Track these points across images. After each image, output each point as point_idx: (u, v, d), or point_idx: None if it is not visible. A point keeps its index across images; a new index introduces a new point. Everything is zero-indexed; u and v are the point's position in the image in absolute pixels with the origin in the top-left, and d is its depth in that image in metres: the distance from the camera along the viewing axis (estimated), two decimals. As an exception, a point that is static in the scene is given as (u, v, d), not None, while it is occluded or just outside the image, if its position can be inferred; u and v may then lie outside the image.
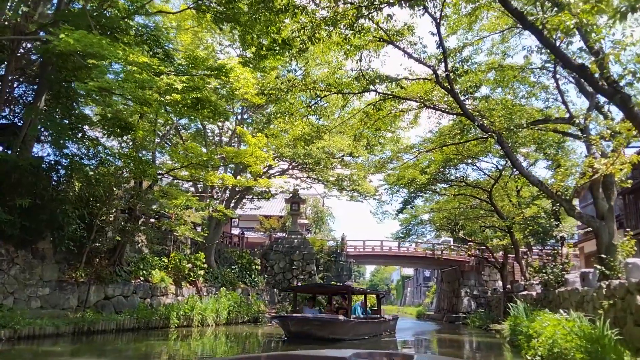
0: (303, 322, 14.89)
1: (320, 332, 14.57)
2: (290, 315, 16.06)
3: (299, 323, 14.92)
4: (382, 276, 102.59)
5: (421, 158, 23.51)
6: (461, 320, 32.04)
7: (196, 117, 15.45)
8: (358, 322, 16.75)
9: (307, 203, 45.37)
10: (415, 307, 56.81)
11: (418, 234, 34.11)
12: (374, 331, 17.78)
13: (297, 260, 30.77)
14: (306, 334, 14.34)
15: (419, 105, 17.08)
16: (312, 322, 14.83)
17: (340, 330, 15.25)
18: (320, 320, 15.06)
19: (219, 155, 18.55)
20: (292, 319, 15.23)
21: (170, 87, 10.52)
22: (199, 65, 11.88)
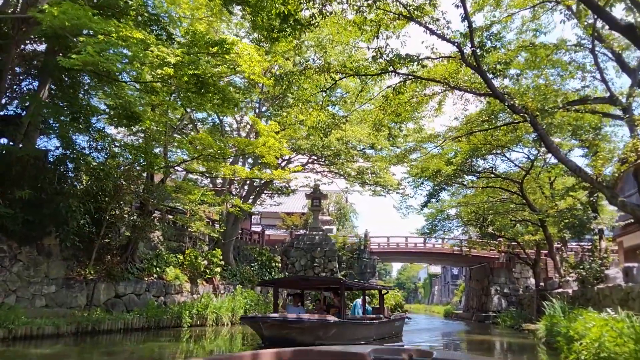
0: (280, 325, 11.66)
1: (303, 336, 11.52)
2: (262, 316, 12.76)
3: (274, 326, 11.67)
4: (409, 274, 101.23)
5: (446, 148, 22.25)
6: (491, 319, 30.76)
7: (204, 105, 14.56)
8: (353, 323, 13.91)
9: (329, 199, 44.42)
10: (443, 306, 55.35)
11: (444, 230, 32.63)
12: (373, 334, 14.72)
13: (318, 257, 29.78)
14: (284, 339, 11.20)
15: (442, 89, 15.88)
16: (291, 325, 11.70)
17: (330, 334, 12.17)
18: (302, 322, 11.84)
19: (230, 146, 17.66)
20: (265, 320, 11.89)
21: (163, 61, 9.65)
22: (198, 41, 10.96)
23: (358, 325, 14.16)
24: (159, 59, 9.64)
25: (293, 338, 11.31)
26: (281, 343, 10.59)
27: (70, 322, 13.14)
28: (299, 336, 11.52)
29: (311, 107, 15.28)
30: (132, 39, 9.32)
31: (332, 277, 24.37)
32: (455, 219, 32.02)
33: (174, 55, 9.78)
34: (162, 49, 9.67)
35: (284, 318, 11.94)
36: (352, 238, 35.89)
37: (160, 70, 9.80)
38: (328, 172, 28.80)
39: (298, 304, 14.85)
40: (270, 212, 43.68)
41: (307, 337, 11.50)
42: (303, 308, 14.88)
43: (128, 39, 9.24)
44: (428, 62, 14.21)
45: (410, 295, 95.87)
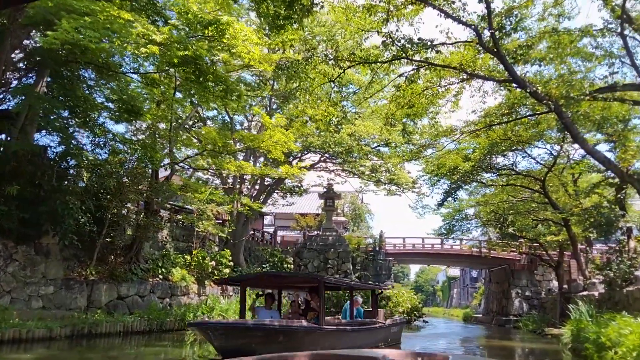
0: (235, 333, 9.41)
1: (267, 347, 9.03)
2: (211, 322, 10.44)
3: (227, 334, 9.33)
4: (427, 277, 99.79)
5: (464, 144, 21.29)
6: (512, 323, 29.61)
7: (207, 97, 13.88)
8: (334, 330, 11.33)
9: (344, 200, 43.54)
10: (462, 310, 54.02)
11: (463, 230, 31.59)
12: (361, 343, 11.91)
13: (332, 258, 28.87)
14: (240, 350, 8.71)
15: (458, 80, 14.97)
16: (251, 333, 9.53)
17: (301, 343, 9.65)
18: (262, 329, 9.66)
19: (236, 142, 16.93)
20: (215, 327, 9.51)
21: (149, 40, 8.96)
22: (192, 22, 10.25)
23: (339, 333, 11.52)
24: (145, 37, 8.96)
25: (252, 349, 8.92)
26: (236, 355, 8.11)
27: (64, 325, 12.51)
28: (261, 346, 9.15)
29: (319, 99, 14.48)
30: (120, 19, 8.66)
31: (308, 273, 21.37)
32: (474, 219, 30.96)
33: (161, 34, 9.08)
34: (146, 26, 8.98)
35: (240, 324, 9.81)
36: (367, 239, 34.98)
37: (144, 49, 9.12)
38: (341, 170, 27.95)
39: (271, 306, 12.13)
40: (285, 213, 43.00)
41: (270, 348, 8.78)
42: (277, 312, 12.22)
43: (115, 20, 8.57)
44: (443, 48, 13.34)
45: (428, 299, 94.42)
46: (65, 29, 8.26)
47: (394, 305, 27.17)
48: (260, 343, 9.32)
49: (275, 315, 11.68)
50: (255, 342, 9.32)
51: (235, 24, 10.35)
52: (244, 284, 12.74)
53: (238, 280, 13.93)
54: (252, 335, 9.51)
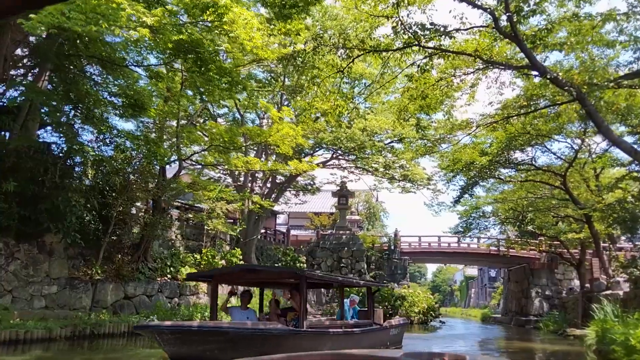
0: (189, 338, 7.89)
1: (231, 354, 7.48)
2: (159, 325, 8.46)
3: (180, 340, 7.84)
4: (445, 277, 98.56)
5: (480, 136, 20.54)
6: (532, 323, 28.80)
7: (213, 90, 13.44)
8: (317, 334, 9.95)
9: (358, 198, 42.93)
10: (480, 310, 52.99)
11: (480, 229, 30.71)
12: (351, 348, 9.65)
13: (345, 257, 28.33)
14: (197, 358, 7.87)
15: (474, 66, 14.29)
16: (209, 337, 7.97)
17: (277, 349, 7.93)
18: (226, 333, 8.13)
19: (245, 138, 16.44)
20: (164, 331, 7.89)
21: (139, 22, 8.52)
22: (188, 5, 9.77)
23: (323, 337, 9.97)
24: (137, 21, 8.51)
25: (212, 357, 7.89)
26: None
27: (65, 325, 12.14)
28: (223, 354, 7.81)
29: (328, 91, 13.92)
30: (111, 2, 8.21)
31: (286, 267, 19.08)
32: (492, 217, 30.12)
33: (152, 16, 8.63)
34: (136, 7, 8.52)
35: (193, 327, 8.21)
36: (381, 238, 34.32)
37: (134, 31, 8.67)
38: (354, 168, 27.35)
39: (247, 305, 10.50)
40: (299, 212, 42.59)
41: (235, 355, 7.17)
42: (254, 312, 10.63)
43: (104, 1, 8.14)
44: (457, 36, 12.68)
45: (446, 299, 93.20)
46: (50, 12, 7.84)
47: (410, 305, 26.54)
48: (222, 350, 7.90)
49: (252, 316, 10.05)
50: (216, 348, 7.93)
51: (235, 7, 9.85)
52: (216, 279, 10.87)
53: (209, 275, 11.78)
54: (211, 340, 7.94)
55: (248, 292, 11.05)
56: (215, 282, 10.88)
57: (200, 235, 22.11)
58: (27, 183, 12.85)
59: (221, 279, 11.47)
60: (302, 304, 9.58)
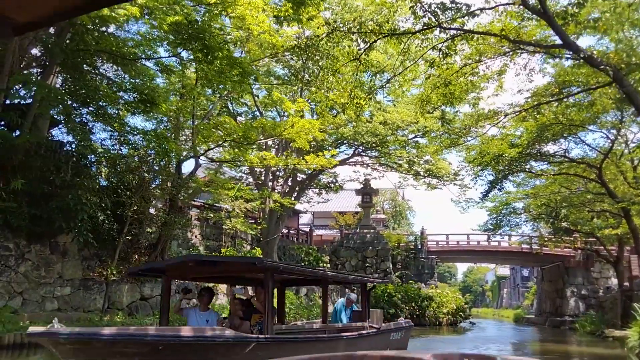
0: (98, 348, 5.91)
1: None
2: (57, 332, 5.85)
3: (82, 350, 5.88)
4: (476, 277, 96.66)
5: (509, 128, 19.53)
6: (567, 324, 27.60)
7: (224, 83, 12.95)
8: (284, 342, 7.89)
9: (383, 196, 42.05)
10: (512, 310, 51.48)
11: (511, 226, 29.48)
12: None
13: (370, 257, 27.56)
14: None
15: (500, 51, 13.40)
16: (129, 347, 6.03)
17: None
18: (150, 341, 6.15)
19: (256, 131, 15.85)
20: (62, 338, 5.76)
21: None
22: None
23: (295, 345, 8.03)
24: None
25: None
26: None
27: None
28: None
29: (345, 82, 13.24)
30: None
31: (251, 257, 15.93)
32: (523, 213, 28.90)
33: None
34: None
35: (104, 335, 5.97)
36: (407, 236, 33.39)
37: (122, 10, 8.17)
38: (378, 164, 26.54)
39: (208, 306, 8.66)
40: (323, 212, 42.01)
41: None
42: (217, 314, 8.85)
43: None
44: (481, 15, 11.89)
45: (477, 299, 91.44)
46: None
47: (438, 306, 25.60)
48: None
49: (212, 319, 8.24)
50: None
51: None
52: (169, 274, 8.62)
53: (159, 269, 9.11)
54: (127, 352, 5.93)
55: (208, 290, 8.84)
56: (168, 277, 8.75)
57: (220, 235, 21.72)
58: (38, 182, 12.54)
59: (175, 273, 9.04)
60: (268, 303, 7.54)
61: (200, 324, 7.84)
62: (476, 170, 21.45)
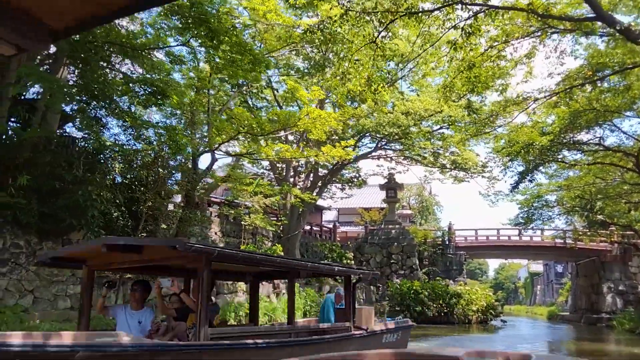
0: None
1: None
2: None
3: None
4: (508, 273, 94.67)
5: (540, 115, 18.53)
6: (604, 322, 26.42)
7: (236, 72, 12.43)
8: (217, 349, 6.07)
9: (409, 191, 41.16)
10: (546, 307, 49.89)
11: (543, 219, 28.36)
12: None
13: (395, 253, 26.81)
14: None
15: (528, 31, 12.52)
16: None
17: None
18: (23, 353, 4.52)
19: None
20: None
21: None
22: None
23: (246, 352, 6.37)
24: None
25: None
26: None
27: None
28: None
29: (361, 66, 12.56)
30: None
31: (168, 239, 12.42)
32: (556, 206, 27.74)
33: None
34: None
35: None
36: (434, 232, 32.46)
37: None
38: (402, 158, 25.71)
39: (142, 304, 6.83)
40: (348, 208, 41.44)
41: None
42: (152, 312, 7.01)
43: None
44: None
45: (510, 296, 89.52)
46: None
47: (467, 303, 24.67)
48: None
49: (146, 320, 6.70)
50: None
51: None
52: (89, 263, 7.07)
53: (74, 258, 7.20)
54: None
55: (142, 284, 7.02)
56: (89, 267, 7.14)
57: (241, 232, 21.32)
58: (47, 178, 12.25)
59: (96, 262, 7.25)
60: (201, 298, 6.01)
61: (131, 325, 6.50)
62: (505, 161, 20.48)
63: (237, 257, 6.85)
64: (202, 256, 6.02)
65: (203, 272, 6.11)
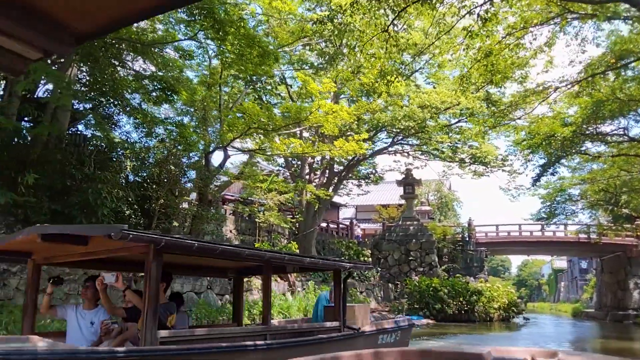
0: None
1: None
2: None
3: None
4: (531, 270, 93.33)
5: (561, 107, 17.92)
6: (631, 319, 25.68)
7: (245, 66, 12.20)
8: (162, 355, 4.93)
9: (428, 188, 40.57)
10: (571, 304, 48.84)
11: (566, 214, 27.64)
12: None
13: (414, 250, 26.33)
14: None
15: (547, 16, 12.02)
16: None
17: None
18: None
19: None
20: None
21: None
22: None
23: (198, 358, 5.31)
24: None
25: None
26: None
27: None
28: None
29: (373, 57, 12.20)
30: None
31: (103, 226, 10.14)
32: (580, 200, 27.00)
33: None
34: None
35: None
36: (453, 228, 31.85)
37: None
38: (419, 152, 25.21)
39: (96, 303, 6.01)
40: (366, 205, 41.05)
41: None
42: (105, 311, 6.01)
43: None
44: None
45: (533, 293, 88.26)
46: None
47: (488, 300, 24.08)
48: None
49: (99, 320, 5.91)
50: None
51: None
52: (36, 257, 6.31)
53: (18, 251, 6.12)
54: None
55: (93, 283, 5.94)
56: (35, 261, 6.28)
57: (256, 229, 21.14)
58: (58, 176, 12.18)
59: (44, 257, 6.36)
60: (148, 297, 4.96)
61: (83, 327, 5.81)
62: (526, 153, 19.88)
63: (191, 248, 5.48)
64: (148, 246, 5.02)
65: (151, 264, 5.11)
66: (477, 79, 14.74)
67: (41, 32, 1.58)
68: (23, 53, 1.65)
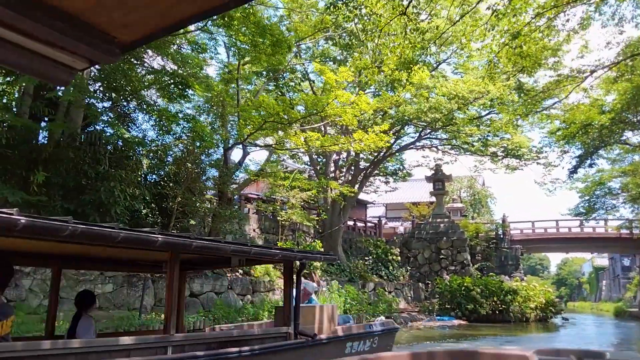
0: None
1: None
2: None
3: None
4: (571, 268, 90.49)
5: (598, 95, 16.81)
6: (681, 319, 23.87)
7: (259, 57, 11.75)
8: None
9: (460, 184, 39.41)
10: (613, 304, 46.72)
11: (607, 208, 26.21)
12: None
13: (444, 248, 25.40)
14: None
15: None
16: None
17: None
18: None
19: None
20: None
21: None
22: None
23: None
24: None
25: None
26: None
27: (106, 328, 10.97)
28: None
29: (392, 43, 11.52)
30: None
31: None
32: (621, 194, 25.55)
33: None
34: None
35: None
36: (487, 225, 30.69)
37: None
38: (449, 147, 24.28)
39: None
40: (396, 204, 40.18)
41: None
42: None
43: None
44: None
45: (573, 292, 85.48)
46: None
47: (524, 300, 22.97)
48: None
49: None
50: None
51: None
52: None
53: None
54: None
55: None
56: None
57: (280, 228, 20.70)
58: (70, 174, 11.96)
59: None
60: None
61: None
62: (561, 144, 18.78)
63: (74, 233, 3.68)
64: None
65: None
66: (506, 64, 13.88)
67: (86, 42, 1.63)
68: (69, 63, 1.67)
